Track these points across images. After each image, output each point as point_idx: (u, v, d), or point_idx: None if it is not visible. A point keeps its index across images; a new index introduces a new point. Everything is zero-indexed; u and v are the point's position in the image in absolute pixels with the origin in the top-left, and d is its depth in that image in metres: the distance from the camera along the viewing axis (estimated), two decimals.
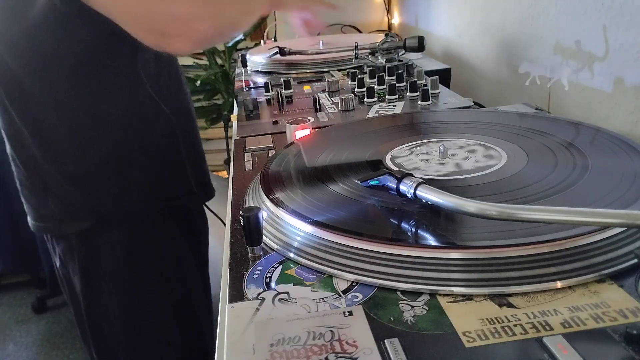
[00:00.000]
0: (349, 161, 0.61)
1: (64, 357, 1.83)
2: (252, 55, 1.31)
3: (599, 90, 0.78)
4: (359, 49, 1.18)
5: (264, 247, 0.47)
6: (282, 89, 1.00)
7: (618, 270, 0.39)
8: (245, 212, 0.45)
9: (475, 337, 0.34)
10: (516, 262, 0.39)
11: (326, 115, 0.87)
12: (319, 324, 0.37)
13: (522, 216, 0.39)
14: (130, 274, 0.85)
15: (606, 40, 0.74)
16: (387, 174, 0.49)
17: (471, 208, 0.41)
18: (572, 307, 0.36)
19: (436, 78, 0.93)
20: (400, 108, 0.86)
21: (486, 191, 0.50)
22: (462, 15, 1.30)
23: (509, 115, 0.74)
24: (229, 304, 0.40)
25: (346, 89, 1.01)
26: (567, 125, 0.67)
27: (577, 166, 0.53)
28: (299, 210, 0.49)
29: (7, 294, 2.21)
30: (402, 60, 1.07)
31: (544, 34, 0.91)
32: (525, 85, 0.91)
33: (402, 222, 0.46)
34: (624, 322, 0.34)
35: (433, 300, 0.38)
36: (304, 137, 0.72)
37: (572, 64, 0.82)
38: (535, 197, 0.48)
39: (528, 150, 0.58)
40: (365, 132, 0.72)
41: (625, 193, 0.47)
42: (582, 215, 0.38)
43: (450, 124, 0.74)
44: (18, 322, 2.04)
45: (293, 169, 0.60)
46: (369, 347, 0.34)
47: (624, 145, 0.57)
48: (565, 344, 0.32)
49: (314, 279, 0.42)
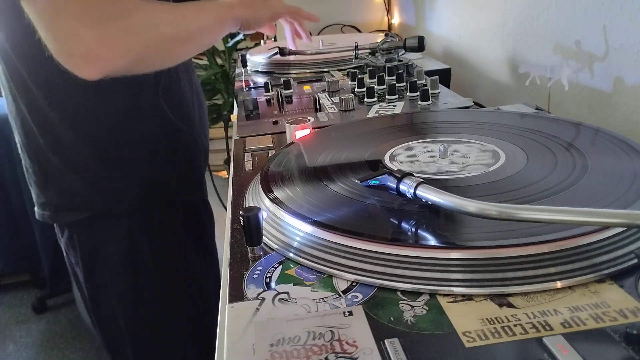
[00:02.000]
0: (348, 161, 0.61)
1: (64, 357, 1.83)
2: (252, 55, 1.31)
3: (599, 90, 0.78)
4: (359, 49, 1.18)
5: (264, 247, 0.47)
6: (282, 89, 1.00)
7: (618, 270, 0.39)
8: (245, 212, 0.45)
9: (475, 337, 0.34)
10: (516, 262, 0.39)
11: (326, 115, 0.87)
12: (319, 324, 0.37)
13: (522, 216, 0.39)
14: (132, 264, 0.86)
15: (606, 40, 0.74)
16: (387, 174, 0.49)
17: (471, 208, 0.41)
18: (572, 307, 0.36)
19: (436, 78, 0.93)
20: (400, 108, 0.86)
21: (486, 191, 0.50)
22: (462, 15, 1.30)
23: (509, 115, 0.74)
24: (229, 304, 0.40)
25: (346, 89, 1.01)
26: (567, 125, 0.66)
27: (577, 166, 0.53)
28: (299, 210, 0.49)
29: (7, 294, 2.21)
30: (402, 60, 1.07)
31: (544, 34, 0.91)
32: (525, 85, 0.91)
33: (402, 222, 0.46)
34: (624, 322, 0.34)
35: (433, 300, 0.38)
36: (304, 137, 0.72)
37: (572, 64, 0.82)
38: (535, 197, 0.48)
39: (528, 150, 0.58)
40: (365, 132, 0.72)
41: (625, 193, 0.47)
42: (582, 215, 0.38)
43: (450, 124, 0.74)
44: (18, 322, 2.04)
45: (293, 169, 0.60)
46: (369, 347, 0.34)
47: (624, 145, 0.57)
48: (565, 344, 0.32)
49: (314, 279, 0.42)
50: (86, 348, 1.87)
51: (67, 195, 0.82)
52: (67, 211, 0.83)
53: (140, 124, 0.82)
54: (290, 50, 1.24)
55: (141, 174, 0.84)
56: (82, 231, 0.84)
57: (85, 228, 0.84)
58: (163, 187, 0.87)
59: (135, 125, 0.82)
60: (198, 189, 0.98)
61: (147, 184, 0.85)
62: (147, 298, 0.89)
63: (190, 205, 0.96)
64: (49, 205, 0.84)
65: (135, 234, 0.85)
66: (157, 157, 0.85)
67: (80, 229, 0.84)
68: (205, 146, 0.97)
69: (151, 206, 0.86)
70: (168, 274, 0.89)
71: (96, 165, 0.81)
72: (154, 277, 0.88)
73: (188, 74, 0.93)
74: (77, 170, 0.80)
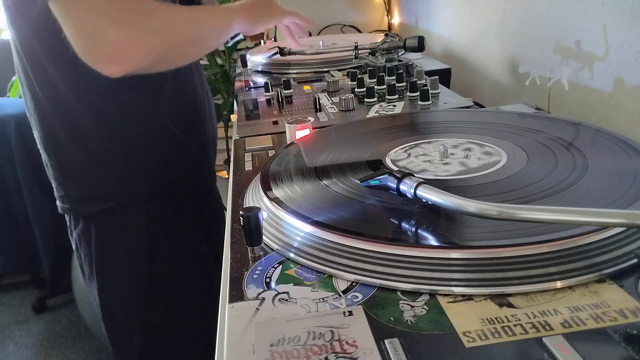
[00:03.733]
0: (348, 161, 0.61)
1: (64, 357, 1.84)
2: (252, 55, 1.31)
3: (599, 90, 0.78)
4: (359, 49, 1.18)
5: (264, 247, 0.47)
6: (282, 89, 1.00)
7: (618, 270, 0.39)
8: (245, 212, 0.45)
9: (475, 337, 0.34)
10: (516, 262, 0.39)
11: (326, 115, 0.87)
12: (319, 324, 0.37)
13: (522, 216, 0.39)
14: (149, 254, 0.88)
15: (606, 40, 0.74)
16: (387, 174, 0.49)
17: (471, 208, 0.41)
18: (572, 307, 0.36)
19: (436, 78, 0.93)
20: (400, 108, 0.86)
21: (486, 191, 0.50)
22: (462, 15, 1.30)
23: (509, 115, 0.74)
24: (229, 304, 0.40)
25: (346, 89, 1.01)
26: (567, 125, 0.66)
27: (577, 166, 0.53)
28: (299, 210, 0.49)
29: (7, 294, 2.21)
30: (402, 60, 1.07)
31: (544, 34, 0.91)
32: (525, 85, 0.91)
33: (402, 222, 0.46)
34: (624, 322, 0.34)
35: (433, 300, 0.38)
36: (304, 137, 0.72)
37: (572, 64, 0.82)
38: (535, 197, 0.48)
39: (528, 150, 0.58)
40: (365, 132, 0.72)
41: (625, 193, 0.47)
42: (582, 215, 0.38)
43: (450, 124, 0.74)
44: (18, 322, 2.04)
45: (293, 169, 0.60)
46: (369, 347, 0.34)
47: (624, 145, 0.57)
48: (565, 344, 0.32)
49: (314, 279, 0.42)
50: (86, 348, 1.87)
51: (89, 187, 0.85)
52: (89, 202, 0.85)
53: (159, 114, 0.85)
54: (290, 50, 1.24)
55: (160, 162, 0.87)
56: (101, 222, 0.86)
57: (104, 219, 0.86)
58: (179, 175, 0.90)
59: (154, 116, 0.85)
60: (211, 178, 1.02)
61: (165, 171, 0.88)
62: (161, 287, 0.90)
63: (202, 197, 0.99)
64: (68, 198, 0.86)
65: (152, 224, 0.87)
66: (174, 145, 0.88)
67: (99, 220, 0.86)
68: (215, 136, 1.03)
69: (167, 195, 0.89)
70: (182, 263, 0.91)
71: (118, 155, 0.83)
72: (169, 266, 0.90)
73: (198, 71, 0.97)
74: (99, 161, 0.83)
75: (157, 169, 0.87)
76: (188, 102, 0.92)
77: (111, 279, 0.88)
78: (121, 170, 0.84)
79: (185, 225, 0.92)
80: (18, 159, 1.82)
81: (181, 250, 0.91)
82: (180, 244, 0.91)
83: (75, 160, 0.83)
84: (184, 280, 0.92)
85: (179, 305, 0.92)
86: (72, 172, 0.84)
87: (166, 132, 0.87)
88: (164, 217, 0.88)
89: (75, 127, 0.81)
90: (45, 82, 0.79)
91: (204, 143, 0.97)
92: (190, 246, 0.93)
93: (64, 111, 0.80)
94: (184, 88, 0.90)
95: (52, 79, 0.78)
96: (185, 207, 0.92)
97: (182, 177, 0.91)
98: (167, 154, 0.88)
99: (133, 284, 0.88)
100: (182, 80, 0.88)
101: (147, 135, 0.85)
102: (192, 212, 0.94)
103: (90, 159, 0.83)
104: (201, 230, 0.96)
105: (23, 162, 1.81)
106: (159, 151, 0.87)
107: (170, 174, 0.89)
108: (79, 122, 0.81)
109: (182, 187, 0.91)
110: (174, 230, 0.90)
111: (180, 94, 0.89)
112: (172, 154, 0.89)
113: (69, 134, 0.81)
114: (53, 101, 0.80)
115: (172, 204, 0.89)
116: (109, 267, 0.88)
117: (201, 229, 0.96)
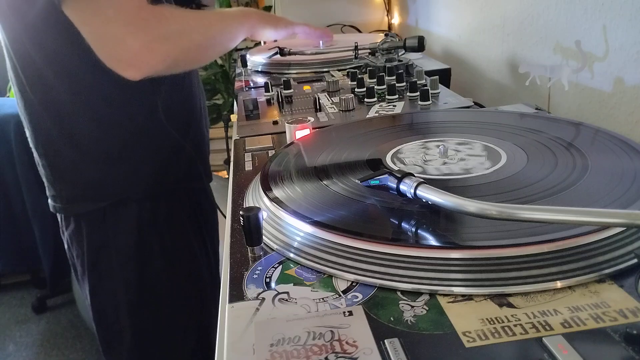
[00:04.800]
0: (348, 161, 0.61)
1: (64, 357, 1.84)
2: (252, 55, 1.31)
3: (599, 90, 0.78)
4: (359, 49, 1.18)
5: (264, 247, 0.47)
6: (282, 89, 1.00)
7: (618, 270, 0.39)
8: (245, 212, 0.45)
9: (475, 337, 0.34)
10: (516, 262, 0.39)
11: (326, 115, 0.87)
12: (319, 324, 0.37)
13: (522, 216, 0.39)
14: (140, 254, 0.88)
15: (606, 40, 0.74)
16: (387, 174, 0.49)
17: (471, 208, 0.41)
18: (572, 307, 0.36)
19: (436, 78, 0.93)
20: (400, 108, 0.86)
21: (486, 191, 0.50)
22: (462, 15, 1.30)
23: (509, 115, 0.74)
24: (229, 304, 0.40)
25: (346, 89, 1.01)
26: (567, 125, 0.66)
27: (577, 166, 0.53)
28: (299, 210, 0.49)
29: (7, 294, 2.21)
30: (402, 60, 1.07)
31: (544, 34, 0.91)
32: (525, 85, 0.91)
33: (402, 222, 0.46)
34: (624, 322, 0.34)
35: (433, 300, 0.38)
36: (304, 137, 0.72)
37: (572, 64, 0.82)
38: (535, 197, 0.48)
39: (528, 150, 0.58)
40: (365, 132, 0.72)
41: (625, 193, 0.47)
42: (582, 215, 0.38)
43: (450, 124, 0.74)
44: (18, 322, 2.04)
45: (293, 169, 0.60)
46: (369, 347, 0.34)
47: (624, 145, 0.57)
48: (565, 344, 0.32)
49: (314, 279, 0.42)
50: (86, 348, 1.87)
51: (80, 186, 0.85)
52: (81, 202, 0.85)
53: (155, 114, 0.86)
54: (290, 50, 1.24)
55: (156, 161, 0.87)
56: (92, 222, 0.86)
57: (96, 219, 0.86)
58: (175, 174, 0.91)
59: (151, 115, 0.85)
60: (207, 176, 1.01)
61: (161, 170, 0.88)
62: (152, 287, 0.90)
63: (194, 196, 0.99)
64: (60, 197, 0.86)
65: (144, 224, 0.87)
66: (170, 144, 0.89)
67: (90, 220, 0.86)
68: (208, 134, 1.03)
69: (161, 194, 0.89)
70: (172, 263, 0.91)
71: (113, 155, 0.83)
72: (159, 265, 0.90)
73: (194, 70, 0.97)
74: (92, 160, 0.83)
75: (152, 168, 0.87)
76: (184, 101, 0.92)
77: (102, 278, 0.88)
78: (115, 170, 0.84)
79: (176, 225, 0.92)
80: (18, 159, 1.82)
81: (172, 249, 0.91)
82: (171, 244, 0.91)
83: (66, 160, 0.83)
84: (175, 279, 0.92)
85: (169, 304, 0.92)
86: (64, 172, 0.84)
87: (162, 131, 0.87)
88: (155, 217, 0.88)
89: (68, 127, 0.81)
90: (38, 83, 0.79)
91: (199, 141, 0.97)
92: (182, 246, 0.93)
93: (55, 111, 0.80)
94: (181, 87, 0.90)
95: (46, 80, 0.78)
96: (177, 206, 0.92)
97: (177, 176, 0.91)
98: (163, 153, 0.88)
99: (124, 283, 0.88)
100: (179, 79, 0.88)
101: (142, 134, 0.85)
102: (184, 211, 0.94)
103: (82, 158, 0.82)
104: (192, 229, 0.96)
105: (23, 161, 1.81)
106: (154, 150, 0.87)
107: (166, 173, 0.89)
108: (71, 123, 0.81)
109: (177, 185, 0.91)
110: (165, 229, 0.89)
111: (177, 93, 0.89)
112: (168, 153, 0.89)
113: (60, 134, 0.81)
114: (45, 102, 0.80)
115: (164, 203, 0.89)
116: (100, 266, 0.87)
117: (192, 228, 0.96)
